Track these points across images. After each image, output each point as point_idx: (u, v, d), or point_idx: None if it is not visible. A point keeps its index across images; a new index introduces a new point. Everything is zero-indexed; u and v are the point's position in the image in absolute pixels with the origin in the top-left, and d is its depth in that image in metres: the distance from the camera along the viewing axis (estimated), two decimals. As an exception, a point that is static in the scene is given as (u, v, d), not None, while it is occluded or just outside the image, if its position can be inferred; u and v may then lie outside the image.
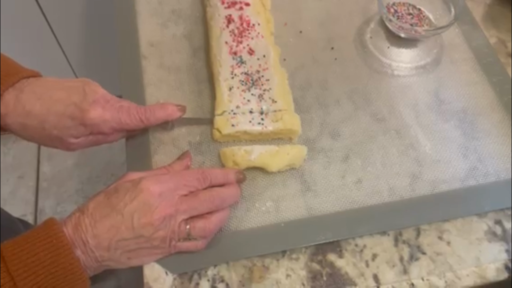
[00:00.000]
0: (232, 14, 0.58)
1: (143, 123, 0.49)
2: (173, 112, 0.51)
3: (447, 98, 0.56)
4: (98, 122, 0.46)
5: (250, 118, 0.51)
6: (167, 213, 0.41)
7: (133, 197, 0.41)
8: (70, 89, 0.47)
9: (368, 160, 0.52)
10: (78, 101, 0.46)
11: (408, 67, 0.59)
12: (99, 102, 0.47)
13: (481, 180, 0.51)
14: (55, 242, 0.38)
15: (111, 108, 0.47)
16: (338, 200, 0.49)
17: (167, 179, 0.43)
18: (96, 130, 0.47)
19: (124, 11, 0.63)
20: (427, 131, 0.54)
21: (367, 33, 0.61)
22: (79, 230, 0.40)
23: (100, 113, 0.46)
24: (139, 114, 0.49)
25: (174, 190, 0.42)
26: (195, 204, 0.43)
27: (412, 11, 0.62)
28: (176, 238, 0.43)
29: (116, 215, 0.40)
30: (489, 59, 0.59)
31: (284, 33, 0.61)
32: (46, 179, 1.47)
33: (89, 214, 0.41)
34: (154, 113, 0.49)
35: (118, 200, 0.41)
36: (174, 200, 0.42)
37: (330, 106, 0.56)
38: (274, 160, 0.50)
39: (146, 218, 0.40)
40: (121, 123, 0.48)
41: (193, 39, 0.61)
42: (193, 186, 0.44)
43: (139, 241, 0.41)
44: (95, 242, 0.40)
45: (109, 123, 0.47)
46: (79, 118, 0.46)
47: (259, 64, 0.55)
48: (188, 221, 0.43)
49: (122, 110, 0.48)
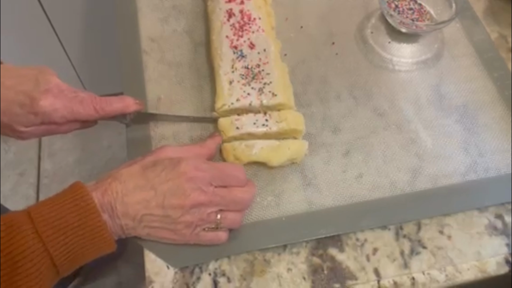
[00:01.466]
0: (233, 8, 0.58)
1: (98, 113, 0.48)
2: (130, 104, 0.50)
3: (448, 93, 0.56)
4: (48, 111, 0.46)
5: (254, 120, 0.51)
6: (200, 201, 0.41)
7: (169, 177, 0.41)
8: (23, 77, 0.46)
9: (369, 155, 0.52)
10: (29, 89, 0.45)
11: (409, 62, 0.59)
12: (52, 91, 0.46)
13: (482, 175, 0.51)
14: (83, 205, 0.39)
15: (64, 97, 0.47)
16: (339, 195, 0.50)
17: (206, 168, 0.43)
18: (48, 120, 0.47)
19: (125, 7, 0.63)
20: (428, 126, 0.54)
21: (368, 28, 0.61)
22: (109, 195, 0.40)
23: (51, 102, 0.46)
24: (94, 104, 0.48)
25: (210, 180, 0.42)
26: (228, 200, 0.43)
27: (413, 6, 0.61)
28: (202, 226, 0.43)
29: (150, 190, 0.41)
30: (490, 54, 0.59)
31: (285, 28, 0.61)
32: (47, 176, 1.47)
33: (122, 181, 0.41)
34: (110, 104, 0.49)
35: (154, 174, 0.42)
36: (209, 190, 0.42)
37: (331, 101, 0.56)
38: (275, 155, 0.50)
39: (178, 201, 0.41)
40: (74, 112, 0.47)
41: (194, 34, 0.61)
42: (229, 182, 0.44)
43: (165, 221, 0.41)
44: (123, 210, 0.40)
45: (61, 113, 0.47)
46: (29, 106, 0.45)
47: (259, 58, 0.55)
48: (219, 212, 0.43)
49: (75, 100, 0.47)
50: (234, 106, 0.52)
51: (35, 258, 0.36)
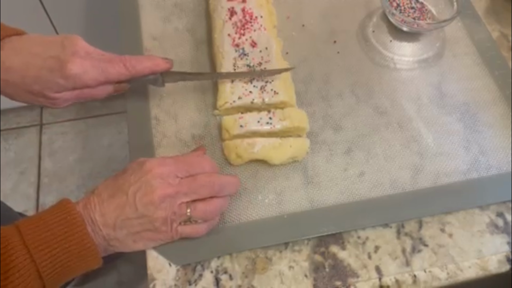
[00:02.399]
0: (234, 6, 0.58)
1: (128, 71, 0.48)
2: (160, 62, 0.50)
3: (449, 92, 0.56)
4: (78, 73, 0.46)
5: (258, 118, 0.51)
6: (168, 193, 0.42)
7: (137, 178, 0.42)
8: (49, 43, 0.47)
9: (370, 153, 0.52)
10: (56, 54, 0.46)
11: (410, 60, 0.59)
12: (79, 53, 0.46)
13: (483, 173, 0.51)
14: (69, 219, 0.40)
15: (92, 58, 0.47)
16: (341, 193, 0.50)
17: (170, 162, 0.44)
18: (79, 83, 0.47)
19: (127, 5, 0.63)
20: (429, 124, 0.54)
21: (370, 27, 0.61)
22: (88, 208, 0.41)
23: (79, 63, 0.46)
24: (123, 62, 0.48)
25: (176, 173, 0.43)
26: (194, 186, 0.43)
27: (414, 4, 0.62)
28: (177, 220, 0.43)
29: (122, 195, 0.42)
30: (491, 53, 0.59)
31: (287, 26, 0.61)
32: (48, 175, 1.47)
33: (98, 193, 0.42)
34: (140, 62, 0.49)
35: (124, 180, 0.43)
36: (175, 182, 0.43)
37: (332, 99, 0.56)
38: (276, 153, 0.50)
39: (148, 197, 0.41)
40: (104, 72, 0.47)
41: (196, 33, 0.61)
42: (194, 171, 0.44)
43: (142, 221, 0.42)
44: (102, 220, 0.41)
45: (91, 74, 0.47)
46: (58, 70, 0.46)
47: (261, 56, 0.55)
48: (189, 204, 0.43)
49: (104, 59, 0.48)
50: (236, 104, 0.52)
51: (22, 269, 0.37)
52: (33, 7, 1.08)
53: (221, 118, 0.53)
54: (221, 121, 0.52)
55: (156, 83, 0.52)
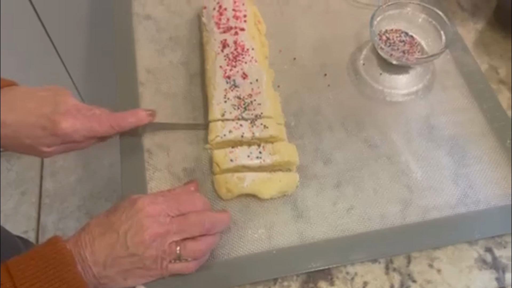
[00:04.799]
0: (227, 39, 0.59)
1: (114, 130, 0.51)
2: (143, 117, 0.52)
3: (438, 125, 0.57)
4: (69, 132, 0.48)
5: (248, 152, 0.52)
6: (158, 232, 0.42)
7: (129, 216, 0.43)
8: (42, 99, 0.49)
9: (359, 187, 0.53)
10: (49, 112, 0.48)
11: (400, 93, 0.60)
12: (71, 112, 0.48)
13: (472, 207, 0.51)
14: (59, 258, 0.40)
15: (82, 117, 0.49)
16: (330, 227, 0.50)
17: (161, 201, 0.45)
18: (68, 139, 0.49)
19: (123, 38, 0.65)
20: (418, 158, 0.54)
21: (360, 60, 0.62)
22: (79, 246, 0.42)
23: (71, 123, 0.48)
24: (110, 121, 0.50)
25: (167, 211, 0.44)
26: (185, 226, 0.44)
27: (404, 38, 0.63)
28: (167, 259, 0.44)
29: (112, 233, 0.42)
30: (480, 85, 0.60)
31: (279, 60, 0.63)
32: (49, 195, 1.49)
33: (89, 231, 0.43)
34: (125, 119, 0.51)
35: (115, 218, 0.43)
36: (166, 221, 0.43)
37: (323, 133, 0.57)
38: (266, 187, 0.51)
39: (138, 236, 0.42)
40: (92, 130, 0.50)
41: (190, 66, 0.62)
42: (185, 209, 0.45)
43: (133, 260, 0.42)
44: (93, 259, 0.41)
45: (80, 132, 0.49)
46: (51, 129, 0.47)
47: (251, 88, 0.56)
48: (179, 242, 0.44)
49: (93, 119, 0.50)
50: (227, 137, 0.53)
51: None
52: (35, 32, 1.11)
53: (212, 152, 0.53)
54: (212, 154, 0.53)
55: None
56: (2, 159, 1.54)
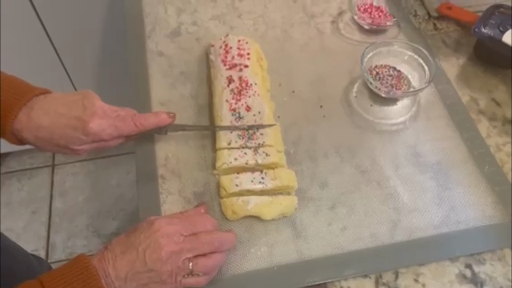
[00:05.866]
0: (232, 75, 0.66)
1: (138, 128, 0.57)
2: (164, 118, 0.59)
3: (424, 152, 0.63)
4: (97, 131, 0.54)
5: (252, 178, 0.58)
6: (173, 250, 0.48)
7: (147, 236, 0.49)
8: (71, 103, 0.55)
9: (352, 209, 0.58)
10: (78, 114, 0.54)
11: (389, 123, 0.66)
12: (97, 113, 0.54)
13: (453, 228, 0.57)
14: (86, 274, 0.46)
15: (108, 117, 0.55)
16: (326, 246, 0.56)
17: (176, 222, 0.51)
18: (97, 138, 0.55)
19: (138, 73, 0.71)
20: (405, 182, 0.60)
21: (353, 93, 0.69)
22: (103, 262, 0.47)
23: (98, 123, 0.54)
24: (134, 121, 0.57)
25: (181, 231, 0.50)
26: (197, 244, 0.50)
27: (392, 72, 0.69)
28: (181, 274, 0.49)
29: (132, 251, 0.48)
30: (461, 116, 0.66)
31: (279, 92, 0.69)
32: (58, 214, 1.54)
33: (111, 249, 0.49)
34: (147, 119, 0.58)
35: (135, 238, 0.49)
36: (180, 240, 0.49)
37: (319, 159, 0.63)
38: (268, 210, 0.57)
39: (156, 254, 0.47)
40: (118, 129, 0.56)
41: (199, 98, 0.69)
42: (197, 229, 0.51)
43: (151, 275, 0.47)
44: (115, 274, 0.47)
45: (107, 131, 0.55)
46: (81, 129, 0.54)
47: (254, 119, 0.62)
48: (192, 259, 0.49)
49: (118, 119, 0.56)
50: (233, 164, 0.59)
51: None
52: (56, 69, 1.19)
53: (219, 177, 0.59)
54: (219, 180, 0.59)
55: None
56: (14, 179, 1.60)
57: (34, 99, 0.55)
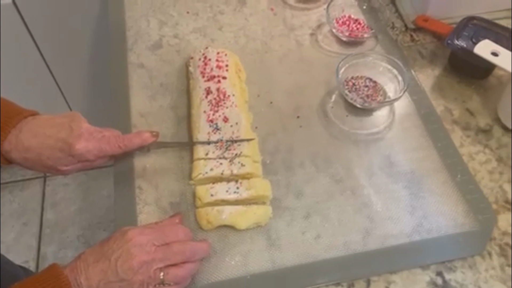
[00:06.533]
0: (210, 86, 0.67)
1: (122, 149, 0.59)
2: (148, 138, 0.61)
3: (398, 161, 0.64)
4: (83, 152, 0.56)
5: (227, 188, 0.59)
6: (145, 260, 0.49)
7: (119, 246, 0.49)
8: (59, 126, 0.57)
9: (326, 218, 0.59)
10: (65, 136, 0.56)
11: (364, 133, 0.67)
12: (83, 135, 0.57)
13: (425, 236, 0.57)
14: (57, 283, 0.47)
15: (93, 139, 0.57)
16: (299, 254, 0.56)
17: (148, 232, 0.51)
18: (83, 158, 0.57)
19: (118, 85, 0.73)
20: (378, 191, 0.61)
21: (329, 103, 0.70)
22: (75, 272, 0.48)
23: (84, 145, 0.56)
24: (118, 142, 0.59)
25: (153, 241, 0.50)
26: (168, 254, 0.50)
27: (368, 83, 0.71)
28: (152, 284, 0.49)
29: (105, 261, 0.48)
30: (435, 125, 0.67)
31: (257, 103, 0.70)
32: (49, 226, 1.54)
33: (84, 259, 0.49)
34: (131, 140, 0.60)
35: (108, 247, 0.50)
36: (151, 250, 0.50)
37: (295, 169, 0.64)
38: (242, 219, 0.57)
39: (127, 263, 0.48)
40: (103, 151, 0.58)
41: (178, 110, 0.70)
42: (169, 239, 0.52)
43: (122, 285, 0.48)
44: (87, 283, 0.48)
45: (92, 152, 0.57)
46: (67, 150, 0.56)
47: (232, 131, 0.63)
48: (163, 269, 0.50)
49: (103, 140, 0.58)
50: (208, 174, 0.60)
51: None
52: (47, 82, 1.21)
53: (195, 188, 0.60)
54: (195, 190, 0.60)
55: (142, 151, 0.63)
56: (5, 191, 1.61)
57: (23, 121, 0.57)
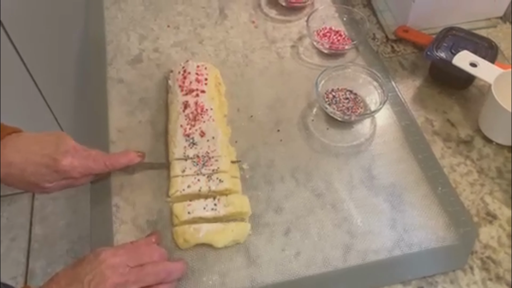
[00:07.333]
0: (188, 100, 0.66)
1: (108, 168, 0.59)
2: (134, 158, 0.61)
3: (378, 174, 0.63)
4: (68, 169, 0.56)
5: (204, 205, 0.58)
6: (118, 282, 0.48)
7: (93, 268, 0.48)
8: (45, 142, 0.57)
9: (306, 233, 0.58)
10: (51, 152, 0.56)
11: (345, 146, 0.66)
12: (70, 152, 0.56)
13: (406, 250, 0.56)
14: None
15: (79, 156, 0.57)
16: (279, 272, 0.55)
17: (122, 253, 0.50)
18: (68, 175, 0.57)
19: (97, 101, 0.72)
20: (359, 205, 0.60)
21: (310, 116, 0.69)
22: None
23: (70, 161, 0.56)
24: (105, 161, 0.58)
25: (127, 262, 0.49)
26: (142, 275, 0.49)
27: (348, 95, 0.70)
28: None
29: (78, 284, 0.47)
30: (416, 137, 0.66)
31: (237, 117, 0.70)
32: (38, 240, 1.52)
33: (57, 281, 0.48)
34: (117, 160, 0.59)
35: (81, 269, 0.49)
36: (125, 271, 0.49)
37: (275, 183, 0.63)
38: (220, 237, 0.56)
39: (101, 286, 0.47)
40: (88, 168, 0.58)
41: (157, 125, 0.69)
42: (143, 260, 0.50)
43: None
44: None
45: (78, 169, 0.57)
46: (53, 166, 0.55)
47: (208, 145, 0.62)
48: None
49: (89, 158, 0.58)
50: (186, 191, 0.59)
51: None
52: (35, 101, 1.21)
53: (172, 205, 0.59)
54: (172, 207, 0.59)
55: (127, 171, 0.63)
56: (-8, 206, 1.59)
57: (7, 137, 0.56)
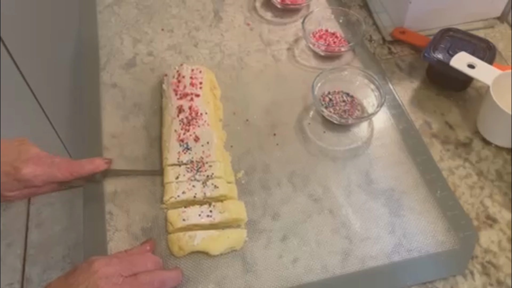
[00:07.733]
0: (183, 104, 0.65)
1: (73, 176, 0.57)
2: (100, 164, 0.59)
3: (376, 178, 0.62)
4: (30, 177, 0.54)
5: (199, 212, 0.57)
6: None
7: (85, 278, 0.47)
8: (6, 149, 0.55)
9: (303, 240, 0.57)
10: (12, 159, 0.54)
11: (342, 150, 0.65)
12: (32, 159, 0.54)
13: (405, 255, 0.55)
14: None
15: (43, 164, 0.55)
16: (276, 279, 0.54)
17: (116, 262, 0.49)
18: (30, 184, 0.55)
19: (91, 107, 0.71)
20: (357, 210, 0.59)
21: (306, 120, 0.68)
22: None
23: (32, 169, 0.54)
24: (69, 168, 0.56)
25: (120, 272, 0.48)
26: (136, 286, 0.48)
27: (345, 98, 0.69)
28: None
29: None
30: (414, 140, 0.65)
31: (233, 121, 0.69)
32: (34, 246, 1.50)
33: None
34: (83, 167, 0.58)
35: (73, 279, 0.47)
36: (118, 281, 0.47)
37: (272, 188, 0.62)
38: (215, 244, 0.55)
39: None
40: (52, 176, 0.56)
41: (151, 130, 0.68)
42: (137, 269, 0.49)
43: None
44: None
45: (40, 177, 0.55)
46: (13, 174, 0.53)
47: (202, 150, 0.61)
48: None
49: (53, 165, 0.56)
50: (181, 198, 0.58)
51: None
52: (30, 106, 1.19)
53: (167, 212, 0.58)
54: (166, 214, 0.58)
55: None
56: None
57: None
